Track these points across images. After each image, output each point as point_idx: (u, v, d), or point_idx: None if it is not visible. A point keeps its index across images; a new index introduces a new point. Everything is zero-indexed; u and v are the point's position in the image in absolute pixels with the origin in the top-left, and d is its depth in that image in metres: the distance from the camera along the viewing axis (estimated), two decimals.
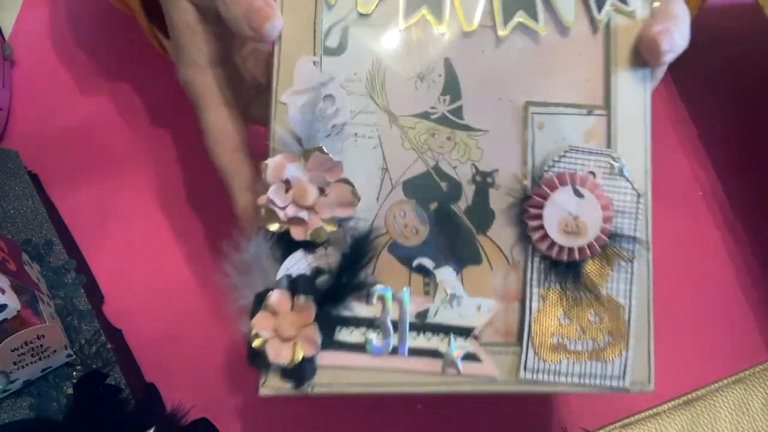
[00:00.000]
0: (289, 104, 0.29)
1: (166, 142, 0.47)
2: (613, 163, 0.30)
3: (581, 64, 0.31)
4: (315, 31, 0.29)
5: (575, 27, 0.31)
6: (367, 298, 0.28)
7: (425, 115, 0.30)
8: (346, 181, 0.28)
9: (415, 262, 0.29)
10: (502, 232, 0.30)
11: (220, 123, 0.32)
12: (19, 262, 0.37)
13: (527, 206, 0.29)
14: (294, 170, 0.27)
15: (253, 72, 0.36)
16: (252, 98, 0.35)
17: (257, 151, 0.32)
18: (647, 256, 0.30)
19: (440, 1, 0.30)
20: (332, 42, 0.29)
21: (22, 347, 0.34)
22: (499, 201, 0.30)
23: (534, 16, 0.30)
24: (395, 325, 0.29)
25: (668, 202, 0.43)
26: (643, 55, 0.31)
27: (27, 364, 0.35)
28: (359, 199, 0.28)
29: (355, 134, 0.29)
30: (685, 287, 0.41)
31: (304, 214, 0.27)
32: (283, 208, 0.27)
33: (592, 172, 0.30)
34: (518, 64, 0.30)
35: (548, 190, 0.29)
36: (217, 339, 0.39)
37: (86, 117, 0.47)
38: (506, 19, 0.30)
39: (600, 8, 0.31)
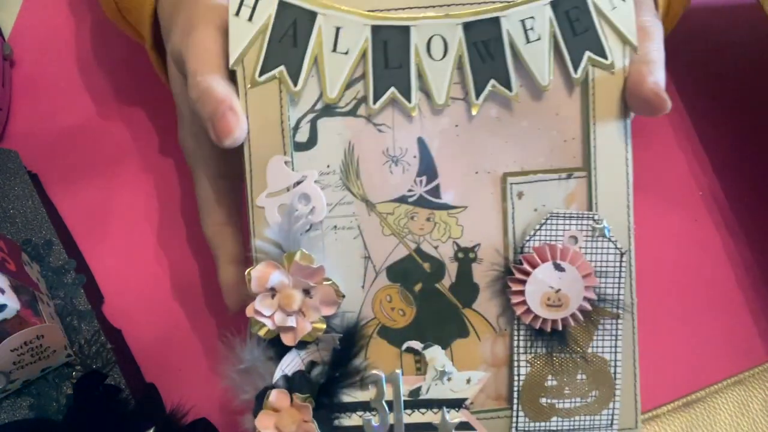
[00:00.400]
0: (266, 207, 0.29)
1: (166, 142, 0.46)
2: (595, 225, 0.30)
3: (559, 125, 0.30)
4: (283, 128, 0.29)
5: (551, 88, 0.30)
6: (362, 384, 0.30)
7: (403, 199, 0.30)
8: (330, 282, 0.29)
9: (404, 346, 0.30)
10: (487, 304, 0.31)
11: (211, 194, 0.33)
12: (19, 262, 0.36)
13: (510, 283, 0.30)
14: (277, 278, 0.28)
15: None
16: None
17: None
18: (632, 310, 0.31)
19: (408, 78, 0.29)
20: (302, 137, 0.29)
21: (21, 347, 0.33)
22: (482, 275, 0.31)
23: (507, 83, 0.29)
24: (390, 404, 0.30)
25: (668, 202, 0.43)
26: (637, 109, 0.30)
27: (27, 364, 0.34)
28: (344, 297, 0.29)
29: (335, 227, 0.30)
30: (684, 287, 0.42)
31: (291, 321, 0.28)
32: (270, 317, 0.28)
33: (573, 237, 0.30)
34: (494, 134, 0.30)
35: (530, 268, 0.29)
36: (217, 339, 0.40)
37: (86, 117, 0.47)
38: (478, 90, 0.29)
39: (576, 66, 0.29)
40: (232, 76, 0.29)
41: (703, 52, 0.47)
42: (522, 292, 0.30)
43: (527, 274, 0.29)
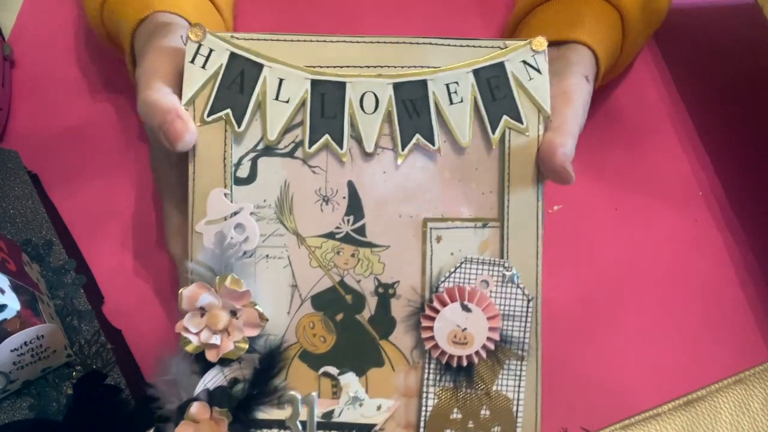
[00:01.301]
0: (204, 233, 0.32)
1: None
2: (505, 272, 0.33)
3: (477, 179, 0.33)
4: (225, 164, 0.32)
5: (471, 145, 0.33)
6: (279, 403, 0.32)
7: (331, 235, 0.33)
8: (254, 305, 0.31)
9: (321, 370, 0.33)
10: (403, 337, 0.33)
11: (176, 219, 0.35)
12: (19, 263, 0.37)
13: (421, 318, 0.33)
14: (207, 298, 0.31)
15: None
16: None
17: None
18: (536, 354, 0.34)
19: (341, 127, 0.32)
20: (243, 172, 0.32)
21: (21, 347, 0.33)
22: (399, 309, 0.33)
23: (430, 138, 0.33)
24: (304, 425, 0.33)
25: (668, 202, 0.44)
26: (547, 176, 0.33)
27: (27, 365, 0.34)
28: (267, 321, 0.32)
29: (267, 255, 0.33)
30: (685, 287, 0.42)
31: (216, 339, 0.31)
32: (197, 333, 0.31)
33: (485, 281, 0.33)
34: (418, 182, 0.33)
35: (439, 306, 0.32)
36: None
37: (86, 117, 0.47)
38: (404, 142, 0.33)
39: (494, 127, 0.33)
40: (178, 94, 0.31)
41: (703, 52, 0.48)
42: (431, 328, 0.32)
43: (437, 311, 0.32)
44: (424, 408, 0.33)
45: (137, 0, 0.37)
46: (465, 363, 0.32)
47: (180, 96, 0.32)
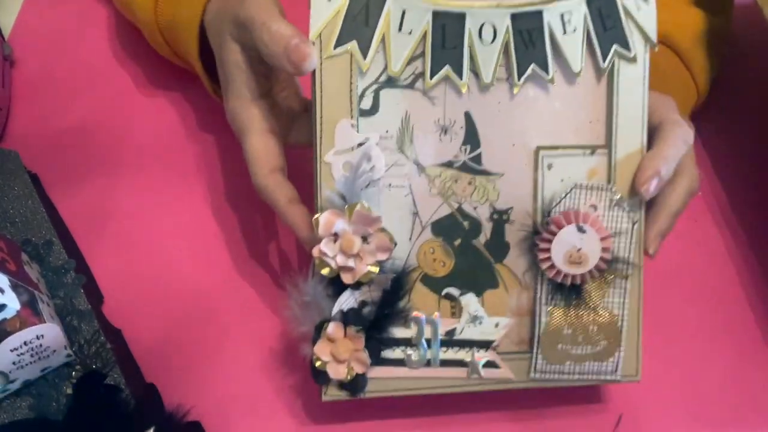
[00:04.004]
0: (332, 163, 0.33)
1: (165, 142, 0.47)
2: (612, 197, 0.35)
3: (586, 108, 0.35)
4: (351, 96, 0.33)
5: (582, 74, 0.34)
6: (405, 323, 0.35)
7: (449, 164, 0.34)
8: (384, 231, 0.33)
9: (444, 291, 0.35)
10: (516, 261, 0.35)
11: (261, 147, 0.36)
12: (19, 262, 0.36)
13: (538, 242, 0.34)
14: (341, 225, 0.32)
15: (288, 103, 0.40)
16: (290, 126, 0.39)
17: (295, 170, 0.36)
18: (638, 273, 0.36)
19: (461, 59, 0.33)
20: (366, 104, 0.33)
21: (21, 347, 0.33)
22: (513, 234, 0.35)
23: (545, 67, 0.34)
24: (428, 342, 0.35)
25: None
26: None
27: (26, 364, 0.34)
28: (396, 244, 0.33)
29: (389, 185, 0.34)
30: (685, 287, 0.43)
31: (351, 262, 0.33)
32: (333, 258, 0.32)
33: (593, 206, 0.35)
34: (530, 112, 0.34)
35: (556, 228, 0.34)
36: (217, 339, 0.40)
37: (86, 117, 0.47)
38: (520, 73, 0.34)
39: (605, 56, 0.34)
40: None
41: None
42: (548, 250, 0.34)
43: (554, 234, 0.34)
44: (538, 325, 0.36)
45: None
46: (579, 281, 0.35)
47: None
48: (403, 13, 0.32)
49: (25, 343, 0.34)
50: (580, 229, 0.34)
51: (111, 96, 0.48)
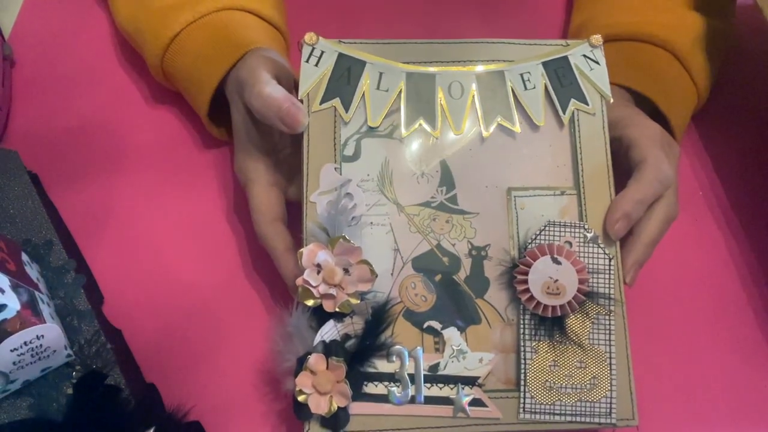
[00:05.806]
0: (317, 203, 0.36)
1: (165, 142, 0.47)
2: (586, 233, 0.37)
3: (553, 154, 0.38)
4: (335, 143, 0.37)
5: (545, 125, 0.38)
6: (388, 357, 0.35)
7: (427, 204, 0.37)
8: (365, 262, 0.35)
9: (426, 324, 0.36)
10: (497, 295, 0.36)
11: (264, 198, 0.39)
12: (19, 262, 0.36)
13: (515, 273, 0.36)
14: (323, 256, 0.34)
15: (289, 160, 0.41)
16: (291, 181, 0.42)
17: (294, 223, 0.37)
18: (621, 309, 0.36)
19: (434, 112, 0.38)
20: (349, 151, 0.37)
21: (21, 347, 0.33)
22: (492, 270, 0.36)
23: (510, 118, 0.38)
24: (412, 377, 0.35)
25: None
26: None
27: (27, 365, 0.34)
28: (377, 276, 0.35)
29: (371, 223, 0.37)
30: (685, 287, 0.42)
31: (333, 291, 0.34)
32: (316, 287, 0.34)
33: (568, 242, 0.37)
34: (500, 157, 0.38)
35: (531, 260, 0.35)
36: (217, 339, 0.40)
37: (86, 117, 0.47)
38: (487, 123, 0.38)
39: (564, 109, 0.38)
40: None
41: None
42: (526, 281, 0.35)
43: (529, 265, 0.35)
44: (523, 361, 0.35)
45: (228, 47, 0.42)
46: (559, 313, 0.35)
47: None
48: (380, 75, 0.38)
49: (25, 344, 0.33)
50: (555, 261, 0.35)
51: (111, 96, 0.48)
